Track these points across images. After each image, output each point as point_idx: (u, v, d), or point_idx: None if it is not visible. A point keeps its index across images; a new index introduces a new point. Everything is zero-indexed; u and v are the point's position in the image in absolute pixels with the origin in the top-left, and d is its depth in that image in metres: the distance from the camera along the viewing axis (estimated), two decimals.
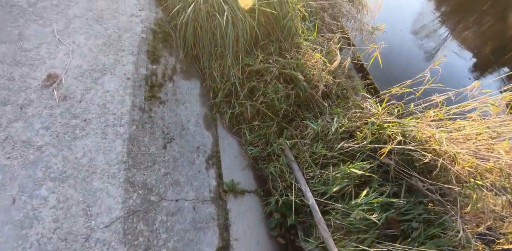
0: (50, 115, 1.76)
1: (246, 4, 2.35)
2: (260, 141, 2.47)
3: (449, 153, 1.87)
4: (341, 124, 2.35)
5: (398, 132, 2.08)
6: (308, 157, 2.25)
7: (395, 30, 5.13)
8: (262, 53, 2.51)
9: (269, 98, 2.42)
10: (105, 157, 1.69)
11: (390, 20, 4.97)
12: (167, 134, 2.01)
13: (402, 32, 5.36)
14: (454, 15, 7.20)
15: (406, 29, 5.66)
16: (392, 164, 2.16)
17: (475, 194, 1.75)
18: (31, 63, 1.92)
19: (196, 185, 1.98)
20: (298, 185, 2.17)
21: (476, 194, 1.76)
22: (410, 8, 6.67)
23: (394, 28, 5.17)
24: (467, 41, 6.03)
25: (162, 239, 1.64)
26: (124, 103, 1.92)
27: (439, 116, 2.14)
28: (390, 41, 3.62)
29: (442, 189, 2.21)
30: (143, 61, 2.20)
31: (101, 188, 1.60)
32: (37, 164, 1.59)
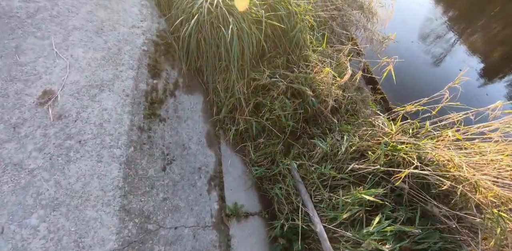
0: (43, 135, 1.67)
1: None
2: (265, 160, 2.37)
3: (470, 180, 1.75)
4: (351, 143, 2.23)
5: (414, 155, 1.95)
6: (316, 179, 2.13)
7: (406, 40, 4.98)
8: (268, 66, 2.42)
9: (275, 115, 2.31)
10: (100, 182, 1.60)
11: (401, 29, 4.83)
12: (167, 155, 1.92)
13: (413, 42, 5.20)
14: (465, 23, 7.02)
15: (418, 39, 5.50)
16: (406, 188, 2.04)
17: (499, 227, 1.63)
18: (26, 78, 1.85)
19: (197, 210, 1.88)
20: (305, 209, 2.06)
21: (500, 227, 1.63)
22: (419, 17, 6.51)
23: (405, 38, 5.03)
24: (485, 54, 5.80)
25: None
26: (122, 122, 1.83)
27: (458, 138, 2.02)
28: (402, 52, 3.50)
29: (460, 217, 2.08)
30: (143, 76, 2.11)
31: (95, 217, 1.50)
32: (28, 190, 1.50)
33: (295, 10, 2.51)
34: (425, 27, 6.11)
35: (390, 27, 3.71)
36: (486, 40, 6.41)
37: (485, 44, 6.22)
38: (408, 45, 4.91)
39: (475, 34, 6.62)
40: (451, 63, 5.03)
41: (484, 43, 6.26)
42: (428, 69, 4.70)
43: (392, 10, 3.55)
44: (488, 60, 5.70)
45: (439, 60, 5.06)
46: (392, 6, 3.54)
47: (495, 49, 6.25)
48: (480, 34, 6.62)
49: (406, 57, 4.09)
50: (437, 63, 4.96)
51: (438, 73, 4.65)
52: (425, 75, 4.30)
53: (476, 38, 6.39)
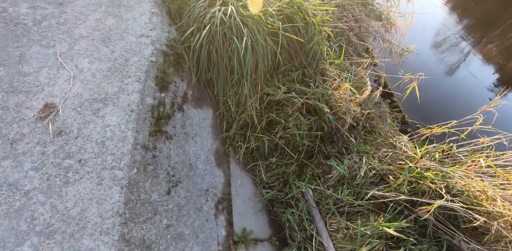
0: (42, 153, 1.59)
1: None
2: (277, 181, 2.25)
3: (506, 217, 1.60)
4: (370, 166, 2.10)
5: (441, 184, 1.81)
6: (332, 205, 2.00)
7: (425, 52, 4.79)
8: (283, 80, 2.31)
9: (289, 133, 2.20)
10: (99, 207, 1.50)
11: (421, 41, 4.67)
12: (173, 177, 1.81)
13: (433, 56, 4.98)
14: (485, 35, 6.80)
15: (438, 51, 5.28)
16: (432, 220, 1.89)
17: None
18: (28, 90, 1.78)
19: (203, 237, 1.76)
20: (319, 238, 1.92)
21: None
22: (437, 27, 6.32)
23: (425, 50, 4.85)
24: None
25: None
26: (125, 140, 1.74)
27: (490, 165, 1.87)
28: (422, 64, 3.36)
29: None
30: (150, 89, 2.02)
31: (92, 248, 1.40)
32: (22, 214, 1.41)
33: (313, 21, 2.42)
34: (443, 38, 5.92)
35: (410, 38, 3.58)
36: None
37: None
38: (428, 58, 4.71)
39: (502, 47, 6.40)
40: (477, 82, 4.73)
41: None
42: (451, 86, 4.44)
43: (412, 20, 3.43)
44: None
45: (463, 76, 4.79)
46: (412, 16, 3.42)
47: None
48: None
49: (427, 72, 3.94)
50: (460, 79, 4.67)
51: (462, 91, 4.37)
52: (447, 92, 4.05)
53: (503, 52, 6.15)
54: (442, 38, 5.79)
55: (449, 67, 4.93)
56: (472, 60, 5.45)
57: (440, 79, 4.37)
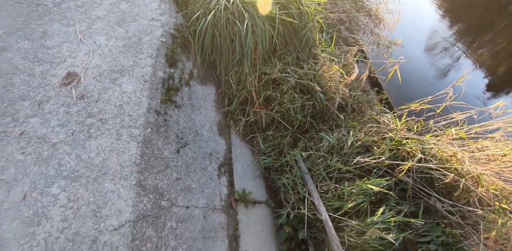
0: (66, 113, 1.80)
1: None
2: (273, 151, 2.49)
3: (472, 174, 1.86)
4: (357, 138, 2.36)
5: (418, 149, 2.08)
6: (323, 170, 2.25)
7: (412, 46, 5.20)
8: (279, 62, 2.57)
9: (284, 108, 2.45)
10: (118, 158, 1.72)
11: (408, 36, 5.05)
12: (181, 139, 2.04)
13: (418, 47, 5.43)
14: (469, 34, 7.31)
15: (421, 45, 5.73)
16: (410, 182, 2.15)
17: (501, 219, 1.73)
18: (52, 60, 2.00)
19: (207, 192, 1.98)
20: (311, 198, 2.16)
21: (501, 219, 1.73)
22: (425, 26, 6.79)
23: (411, 44, 5.25)
24: (490, 58, 6.05)
25: (170, 246, 1.63)
26: (140, 105, 1.96)
27: (461, 135, 2.15)
28: (407, 56, 3.68)
29: (462, 212, 2.18)
30: (161, 65, 2.26)
31: (112, 190, 1.61)
32: (50, 161, 1.62)
33: (306, 10, 2.70)
34: (431, 37, 6.36)
35: (397, 34, 3.91)
36: (493, 53, 6.70)
37: (491, 56, 6.49)
38: (413, 50, 5.12)
39: (479, 41, 6.92)
40: (456, 67, 5.28)
41: (491, 55, 6.53)
42: (433, 73, 4.90)
43: (398, 16, 3.76)
44: (492, 62, 5.97)
45: (445, 64, 5.29)
46: (399, 13, 3.75)
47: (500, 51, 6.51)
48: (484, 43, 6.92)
49: (412, 61, 4.29)
50: (442, 68, 5.18)
51: (443, 76, 4.87)
52: (430, 78, 4.49)
53: (482, 48, 6.67)
54: (427, 33, 6.27)
55: (431, 56, 5.45)
56: (453, 51, 6.00)
57: (423, 66, 4.87)
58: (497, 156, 2.01)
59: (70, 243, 1.43)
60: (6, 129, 1.66)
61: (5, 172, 1.53)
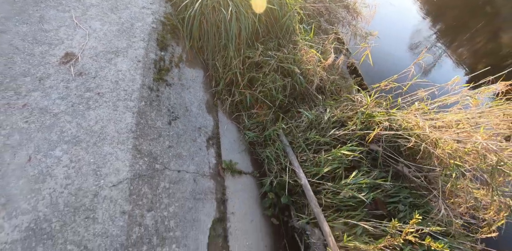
0: (66, 87, 1.97)
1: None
2: (257, 128, 2.70)
3: (431, 138, 2.12)
4: (333, 114, 2.60)
5: (385, 120, 2.33)
6: (302, 143, 2.47)
7: (389, 38, 5.56)
8: (262, 48, 2.80)
9: (267, 88, 2.67)
10: (116, 126, 1.89)
11: (384, 28, 5.39)
12: (172, 113, 2.23)
13: (394, 37, 5.85)
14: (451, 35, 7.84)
15: (396, 36, 6.15)
16: (380, 151, 2.39)
17: (455, 173, 1.98)
18: (50, 42, 2.16)
19: (197, 160, 2.17)
20: (292, 167, 2.37)
21: (455, 173, 1.98)
22: (402, 21, 7.27)
23: (388, 37, 5.60)
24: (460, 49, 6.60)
25: (164, 203, 1.81)
26: (134, 81, 2.15)
27: (423, 108, 2.41)
28: (384, 46, 3.97)
29: (427, 177, 2.44)
30: (152, 48, 2.45)
31: (111, 152, 1.79)
32: (53, 129, 1.78)
33: (286, 1, 2.94)
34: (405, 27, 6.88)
35: (374, 27, 4.20)
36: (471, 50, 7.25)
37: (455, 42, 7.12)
38: (389, 40, 5.50)
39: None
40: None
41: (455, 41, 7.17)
42: (407, 60, 5.30)
43: (374, 10, 4.05)
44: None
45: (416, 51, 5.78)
46: (375, 7, 4.04)
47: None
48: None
49: (388, 49, 4.61)
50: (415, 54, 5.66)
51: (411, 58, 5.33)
52: (403, 63, 4.86)
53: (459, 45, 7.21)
54: (402, 26, 6.76)
55: (405, 45, 5.91)
56: (424, 39, 6.54)
57: (398, 54, 5.27)
58: (453, 123, 2.28)
59: (73, 197, 1.60)
60: (10, 101, 1.81)
61: (10, 138, 1.69)
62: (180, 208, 1.87)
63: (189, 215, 1.90)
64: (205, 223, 1.97)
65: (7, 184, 1.56)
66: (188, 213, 1.90)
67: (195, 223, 1.91)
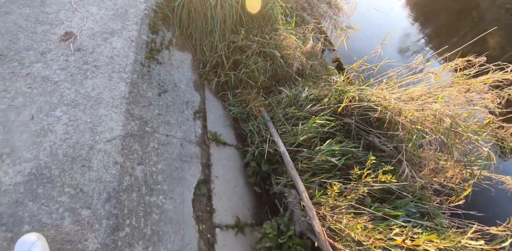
0: (66, 60, 2.20)
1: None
2: (241, 105, 2.94)
3: (396, 107, 2.38)
4: (311, 93, 2.86)
5: (356, 95, 2.59)
6: (282, 117, 2.71)
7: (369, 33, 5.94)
8: (244, 31, 3.07)
9: (250, 69, 2.93)
10: (110, 93, 2.12)
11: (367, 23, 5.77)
12: (162, 87, 2.46)
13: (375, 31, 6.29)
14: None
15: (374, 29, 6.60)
16: (352, 123, 2.64)
17: (415, 135, 2.23)
18: (51, 22, 2.40)
19: (184, 128, 2.40)
20: (272, 138, 2.61)
21: (416, 136, 2.24)
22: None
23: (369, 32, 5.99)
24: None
25: (153, 160, 2.03)
26: (128, 57, 2.39)
27: (391, 84, 2.69)
28: (364, 38, 4.29)
29: (397, 148, 2.69)
30: (145, 31, 2.70)
31: (106, 114, 2.01)
32: (53, 93, 2.00)
33: None
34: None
35: (355, 20, 4.54)
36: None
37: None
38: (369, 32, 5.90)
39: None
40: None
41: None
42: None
43: (355, 6, 4.39)
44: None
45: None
46: (355, 3, 4.39)
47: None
48: None
49: (366, 38, 4.94)
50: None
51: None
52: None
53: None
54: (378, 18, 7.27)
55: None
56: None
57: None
58: (416, 96, 2.55)
59: (71, 149, 1.81)
60: (14, 70, 2.04)
61: (15, 100, 1.90)
62: (167, 166, 2.08)
63: (176, 173, 2.11)
64: (191, 182, 2.18)
65: (11, 137, 1.76)
66: (175, 172, 2.11)
67: (181, 181, 2.12)
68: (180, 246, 1.89)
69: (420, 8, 9.71)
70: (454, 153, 2.11)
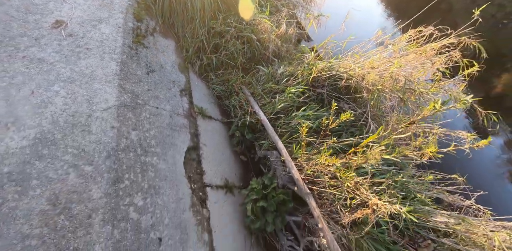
0: (59, 44, 2.37)
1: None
2: (224, 85, 3.17)
3: (359, 74, 2.66)
4: (286, 70, 3.12)
5: (326, 67, 2.86)
6: (261, 91, 2.95)
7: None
8: (222, 17, 3.31)
9: (229, 51, 3.16)
10: (103, 70, 2.31)
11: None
12: (149, 67, 2.66)
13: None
14: None
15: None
16: (324, 92, 2.91)
17: (376, 94, 2.51)
18: (41, 12, 2.57)
19: (172, 103, 2.60)
20: (253, 110, 2.84)
21: (376, 94, 2.52)
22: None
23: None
24: None
25: (146, 127, 2.22)
26: (117, 41, 2.58)
27: (356, 57, 2.98)
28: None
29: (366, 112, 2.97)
30: (130, 19, 2.90)
31: (100, 88, 2.19)
32: (50, 72, 2.17)
33: None
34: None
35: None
36: None
37: None
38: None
39: None
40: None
41: None
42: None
43: None
44: None
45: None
46: None
47: None
48: None
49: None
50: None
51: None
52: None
53: None
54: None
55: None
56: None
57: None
58: (377, 65, 2.84)
59: (71, 117, 1.99)
60: (11, 54, 2.19)
61: (14, 79, 2.07)
62: (159, 133, 2.28)
63: (168, 139, 2.31)
64: (181, 147, 2.38)
65: (14, 109, 1.93)
66: (167, 138, 2.31)
67: (172, 146, 2.32)
68: (175, 199, 2.08)
69: None
70: (410, 106, 2.39)
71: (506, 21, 13.50)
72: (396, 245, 2.05)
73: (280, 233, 2.30)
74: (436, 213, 2.09)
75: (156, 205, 1.93)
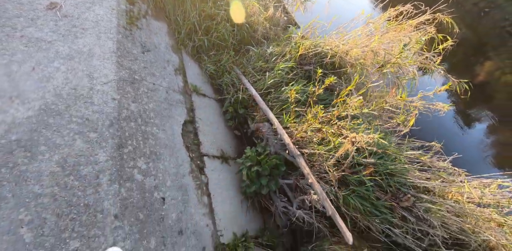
0: (55, 24, 2.44)
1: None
2: (216, 65, 3.28)
3: (343, 49, 2.81)
4: (275, 50, 3.24)
5: (312, 44, 3.00)
6: (252, 70, 3.08)
7: None
8: (213, 5, 3.40)
9: (220, 33, 3.27)
10: (100, 49, 2.39)
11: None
12: (144, 47, 2.75)
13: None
14: None
15: None
16: (311, 69, 3.05)
17: (359, 68, 2.67)
18: None
19: (168, 80, 2.70)
20: (245, 86, 2.96)
21: (359, 67, 2.68)
22: None
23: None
24: None
25: (144, 100, 2.32)
26: (111, 22, 2.65)
27: (341, 35, 3.12)
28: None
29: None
30: (123, 1, 2.96)
31: (99, 64, 2.28)
32: (49, 50, 2.24)
33: None
34: None
35: None
36: None
37: None
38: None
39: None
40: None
41: None
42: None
43: None
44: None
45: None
46: None
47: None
48: None
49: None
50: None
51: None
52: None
53: None
54: None
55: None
56: None
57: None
58: (358, 42, 2.99)
59: (73, 90, 2.07)
60: (8, 33, 2.25)
61: (14, 56, 2.13)
62: (157, 106, 2.39)
63: (165, 112, 2.42)
64: (178, 120, 2.50)
65: (17, 84, 2.00)
66: (164, 111, 2.42)
67: (170, 118, 2.43)
68: (175, 165, 2.21)
69: None
70: (389, 76, 2.56)
71: (488, 9, 13.90)
72: (380, 201, 2.23)
73: (274, 195, 2.45)
74: (415, 170, 2.27)
75: (158, 169, 2.05)
